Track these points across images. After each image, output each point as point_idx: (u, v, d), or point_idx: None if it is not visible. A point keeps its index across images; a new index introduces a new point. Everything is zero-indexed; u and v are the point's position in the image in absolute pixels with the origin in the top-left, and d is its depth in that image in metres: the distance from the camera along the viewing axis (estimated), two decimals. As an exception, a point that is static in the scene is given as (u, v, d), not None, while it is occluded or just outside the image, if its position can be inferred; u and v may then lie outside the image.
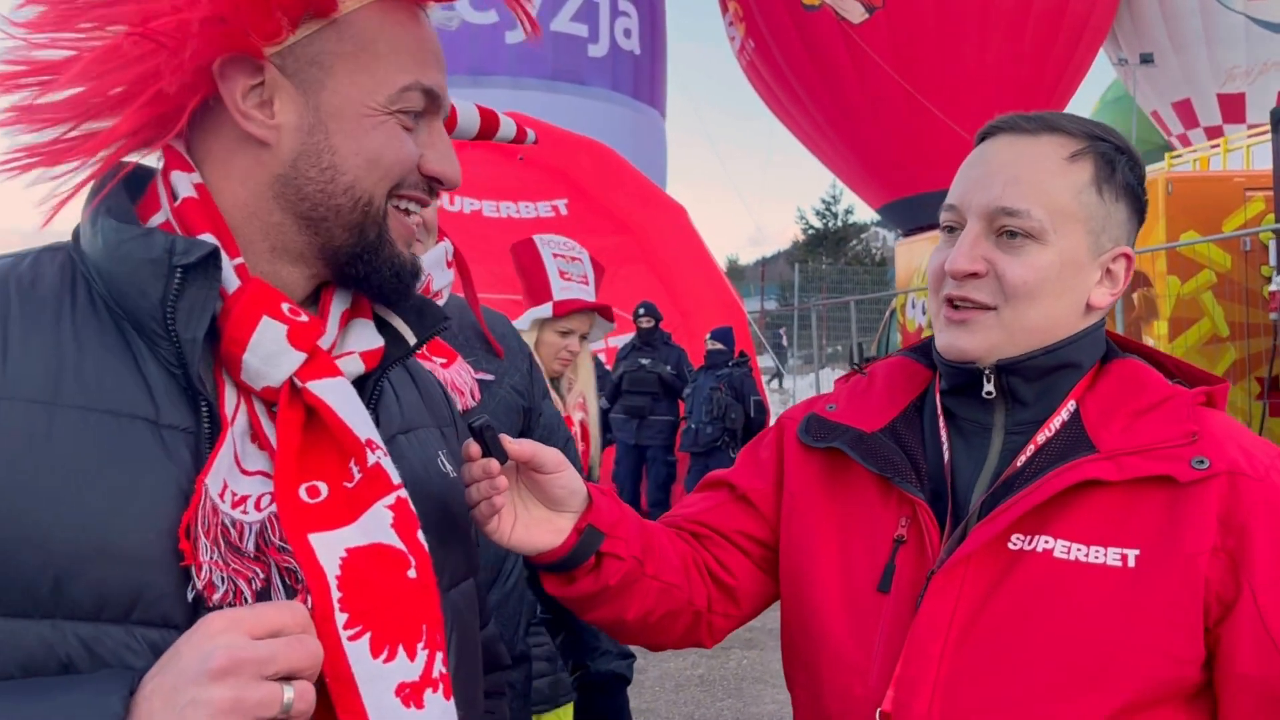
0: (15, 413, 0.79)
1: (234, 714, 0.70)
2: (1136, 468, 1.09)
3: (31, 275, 0.87)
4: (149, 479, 0.82)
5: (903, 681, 1.11)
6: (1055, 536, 1.09)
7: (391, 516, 0.89)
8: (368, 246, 0.94)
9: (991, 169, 1.18)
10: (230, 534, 0.82)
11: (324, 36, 0.90)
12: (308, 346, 0.90)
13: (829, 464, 1.28)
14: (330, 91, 0.91)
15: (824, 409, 1.32)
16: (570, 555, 1.18)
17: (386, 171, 0.93)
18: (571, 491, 1.18)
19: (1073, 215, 1.16)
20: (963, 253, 1.16)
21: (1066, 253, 1.16)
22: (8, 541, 0.76)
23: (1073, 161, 1.16)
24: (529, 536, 1.16)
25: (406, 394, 1.10)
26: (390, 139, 0.93)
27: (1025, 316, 1.15)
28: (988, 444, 1.20)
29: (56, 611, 0.77)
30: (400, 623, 0.86)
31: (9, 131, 0.87)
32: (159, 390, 0.84)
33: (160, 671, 0.73)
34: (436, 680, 0.88)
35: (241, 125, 0.89)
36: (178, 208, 0.90)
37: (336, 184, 0.91)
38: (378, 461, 0.91)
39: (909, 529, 1.18)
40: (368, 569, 0.86)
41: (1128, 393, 1.17)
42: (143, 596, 0.79)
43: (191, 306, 0.85)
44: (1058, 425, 1.17)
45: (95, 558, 0.78)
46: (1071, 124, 1.19)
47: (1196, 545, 1.05)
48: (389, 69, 0.93)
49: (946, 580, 1.12)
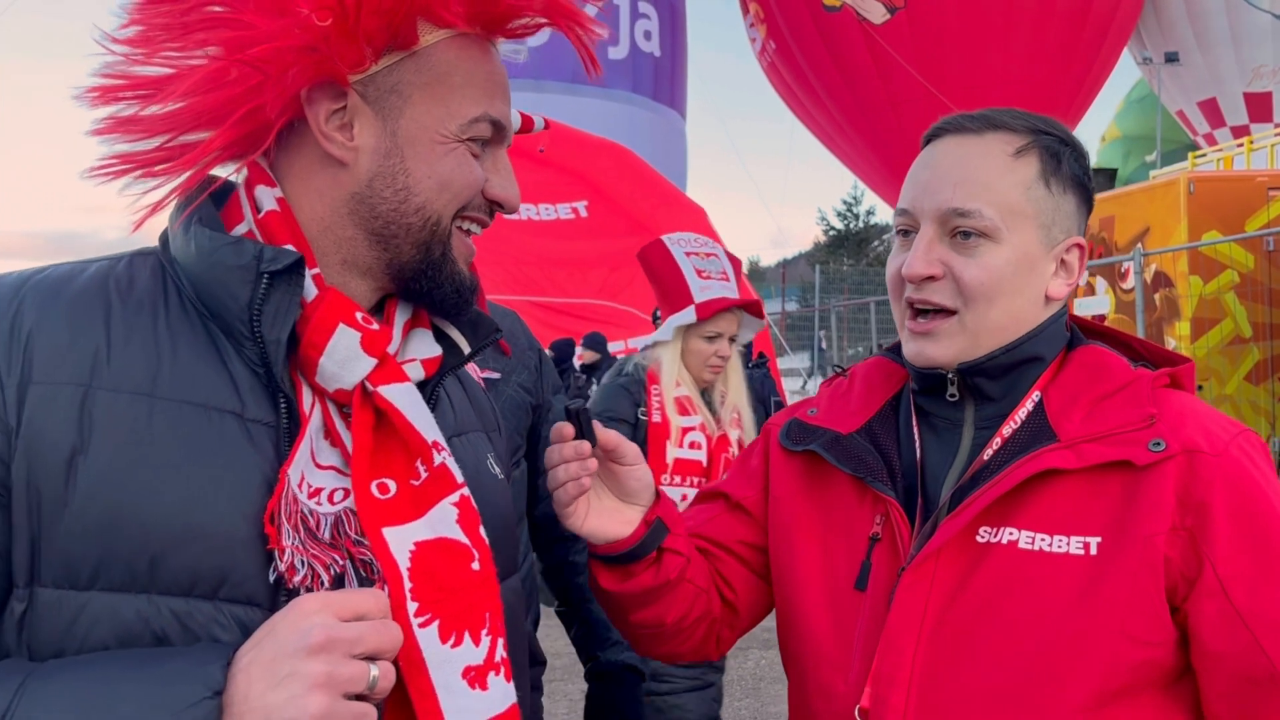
0: (120, 404, 0.86)
1: (327, 687, 0.77)
2: (1095, 454, 1.10)
3: (128, 277, 0.94)
4: (237, 467, 0.89)
5: (879, 678, 1.13)
6: (1019, 528, 1.11)
7: (456, 513, 0.97)
8: (432, 263, 1.01)
9: (940, 171, 1.19)
10: (309, 521, 0.89)
11: (404, 67, 0.97)
12: (378, 353, 0.96)
13: (808, 467, 1.30)
14: (408, 119, 0.97)
15: (805, 413, 1.35)
16: (638, 546, 1.22)
17: (456, 194, 1.00)
18: (645, 485, 1.23)
19: (1023, 211, 1.17)
20: (918, 256, 1.17)
21: (1020, 249, 1.17)
22: (113, 521, 0.83)
23: (1018, 157, 1.18)
24: (600, 524, 1.21)
25: (458, 400, 1.16)
26: (460, 164, 0.99)
27: (987, 317, 1.17)
28: (958, 439, 1.22)
29: (152, 587, 0.84)
30: (466, 611, 0.93)
31: (105, 140, 0.95)
32: (244, 387, 0.92)
33: (256, 645, 0.80)
34: (498, 664, 0.96)
35: (323, 145, 0.96)
36: (261, 219, 0.97)
37: (409, 204, 0.98)
38: (443, 462, 0.98)
39: (883, 527, 1.20)
40: (435, 561, 0.93)
41: (1089, 380, 1.18)
42: (230, 576, 0.86)
43: (276, 310, 0.92)
44: (1022, 417, 1.18)
45: (188, 538, 0.85)
46: (1014, 120, 1.21)
47: (1154, 526, 1.06)
48: (461, 100, 0.99)
49: (917, 576, 1.13)
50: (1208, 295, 7.32)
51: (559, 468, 1.16)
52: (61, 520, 0.83)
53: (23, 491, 0.84)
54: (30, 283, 0.91)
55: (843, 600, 1.21)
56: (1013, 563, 1.10)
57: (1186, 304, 7.40)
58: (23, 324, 0.87)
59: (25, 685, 0.77)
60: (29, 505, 0.84)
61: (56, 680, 0.78)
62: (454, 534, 0.95)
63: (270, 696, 0.77)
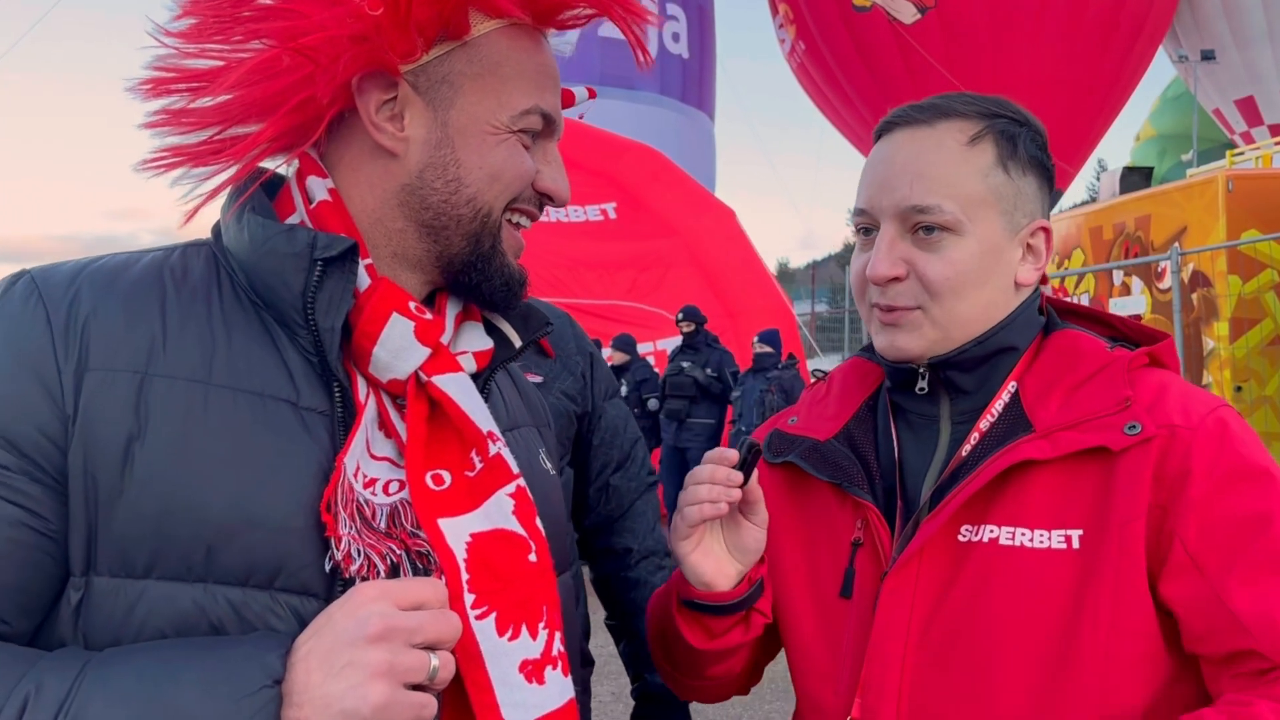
0: (177, 390, 0.86)
1: (388, 676, 0.77)
2: (1070, 442, 1.06)
3: (182, 266, 0.94)
4: (292, 456, 0.88)
5: (867, 687, 1.10)
6: (999, 524, 1.07)
7: (513, 504, 0.96)
8: (482, 255, 1.00)
9: (895, 167, 1.15)
10: (364, 511, 0.88)
11: (455, 57, 0.97)
12: (432, 342, 0.96)
13: (790, 478, 1.27)
14: (459, 110, 0.97)
15: (786, 423, 1.32)
16: (740, 601, 1.18)
17: (506, 186, 0.99)
18: (758, 549, 1.18)
19: (983, 200, 1.14)
20: (881, 258, 1.14)
21: (985, 239, 1.14)
22: (169, 510, 0.83)
23: (973, 145, 1.15)
24: (702, 563, 1.16)
25: (509, 394, 1.16)
26: (511, 155, 0.99)
27: (956, 310, 1.13)
28: (936, 436, 1.19)
29: (208, 576, 0.83)
30: (523, 603, 0.92)
31: (157, 133, 0.95)
32: (298, 375, 0.92)
33: (315, 635, 0.80)
34: (555, 658, 0.94)
35: (374, 136, 0.96)
36: (313, 210, 0.97)
37: (460, 195, 0.97)
38: (499, 452, 0.98)
39: (864, 531, 1.17)
40: (492, 553, 0.92)
41: (1064, 365, 1.14)
42: (286, 565, 0.85)
43: (330, 298, 0.91)
44: (999, 409, 1.14)
45: (244, 526, 0.84)
46: (966, 105, 1.17)
47: (1131, 510, 1.02)
48: (513, 91, 0.98)
49: (899, 580, 1.10)
50: (1247, 295, 7.20)
51: (703, 486, 1.12)
52: (118, 508, 0.83)
53: (79, 479, 0.83)
54: (86, 271, 0.91)
55: (829, 609, 1.18)
56: (994, 561, 1.06)
57: (1225, 304, 7.28)
58: (79, 311, 0.87)
59: (84, 672, 0.77)
60: (85, 493, 0.83)
61: (115, 667, 0.78)
62: (511, 525, 0.94)
63: (330, 686, 0.77)
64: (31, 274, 0.90)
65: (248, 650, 0.79)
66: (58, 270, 0.91)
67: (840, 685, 1.14)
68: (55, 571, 0.84)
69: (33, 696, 0.75)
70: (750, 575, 1.19)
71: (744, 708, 5.16)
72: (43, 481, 0.83)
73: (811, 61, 18.67)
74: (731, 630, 1.21)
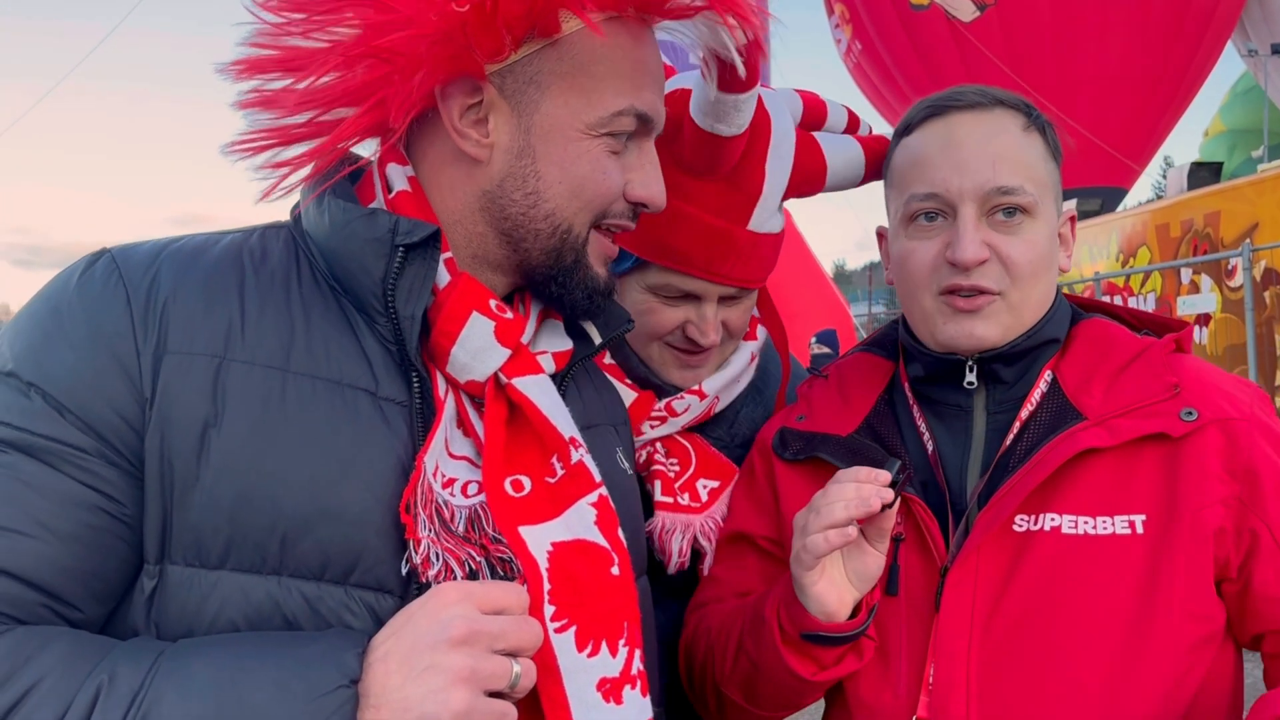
0: (255, 377, 0.84)
1: (469, 682, 0.75)
2: (1129, 429, 1.06)
3: (261, 249, 0.92)
4: (370, 447, 0.86)
5: (936, 686, 1.08)
6: (1060, 512, 1.07)
7: (595, 514, 0.92)
8: (564, 270, 0.97)
9: (968, 149, 1.13)
10: (443, 513, 0.86)
11: (544, 56, 0.92)
12: (513, 343, 0.93)
13: (815, 474, 1.22)
14: (543, 113, 0.92)
15: (794, 420, 1.28)
16: (859, 630, 1.11)
17: (588, 203, 0.95)
18: (877, 574, 1.11)
19: (1047, 185, 1.15)
20: (969, 240, 1.11)
21: (1049, 224, 1.15)
22: (244, 498, 0.81)
23: (1028, 133, 1.15)
24: (829, 594, 1.08)
25: (587, 392, 1.12)
26: (595, 169, 0.94)
27: (1030, 296, 1.13)
28: (970, 427, 1.17)
29: (283, 569, 0.82)
30: (604, 618, 0.88)
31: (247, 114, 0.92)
32: (377, 364, 0.89)
33: (394, 634, 0.78)
34: (635, 677, 0.90)
35: (457, 143, 0.93)
36: (392, 199, 0.95)
37: (538, 209, 0.94)
38: (581, 459, 0.94)
39: (906, 525, 1.13)
40: (574, 564, 0.88)
41: (1100, 353, 1.15)
42: (361, 560, 0.84)
43: (411, 284, 0.89)
44: (1038, 398, 1.13)
45: (320, 518, 0.83)
46: (1005, 96, 1.18)
47: (1202, 499, 1.03)
48: (604, 92, 0.93)
49: (960, 575, 1.08)
50: (1322, 293, 6.98)
51: (838, 504, 1.03)
52: (193, 495, 0.81)
53: (155, 464, 0.82)
54: (166, 251, 0.89)
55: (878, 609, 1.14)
56: (1059, 549, 1.06)
57: (1298, 303, 7.06)
58: (159, 293, 0.85)
59: (158, 664, 0.75)
60: (161, 479, 0.82)
61: (190, 659, 0.76)
62: (593, 536, 0.90)
63: (410, 689, 0.75)
64: (112, 253, 0.88)
65: (324, 648, 0.77)
66: (138, 250, 0.89)
67: (899, 687, 1.11)
68: (130, 557, 0.83)
69: (105, 687, 0.73)
70: (867, 600, 1.12)
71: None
72: (119, 465, 0.81)
73: (868, 60, 18.48)
74: (844, 659, 1.14)
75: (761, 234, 1.32)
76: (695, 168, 1.26)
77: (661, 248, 1.29)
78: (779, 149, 1.30)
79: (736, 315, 1.38)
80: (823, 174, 1.35)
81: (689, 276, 1.30)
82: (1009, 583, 1.07)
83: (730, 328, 1.39)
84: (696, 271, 1.30)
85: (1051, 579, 1.06)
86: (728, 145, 1.22)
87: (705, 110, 1.19)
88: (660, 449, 1.41)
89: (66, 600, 0.80)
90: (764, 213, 1.31)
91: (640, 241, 1.29)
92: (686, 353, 1.37)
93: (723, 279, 1.31)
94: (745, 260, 1.31)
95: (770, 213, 1.32)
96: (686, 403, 1.39)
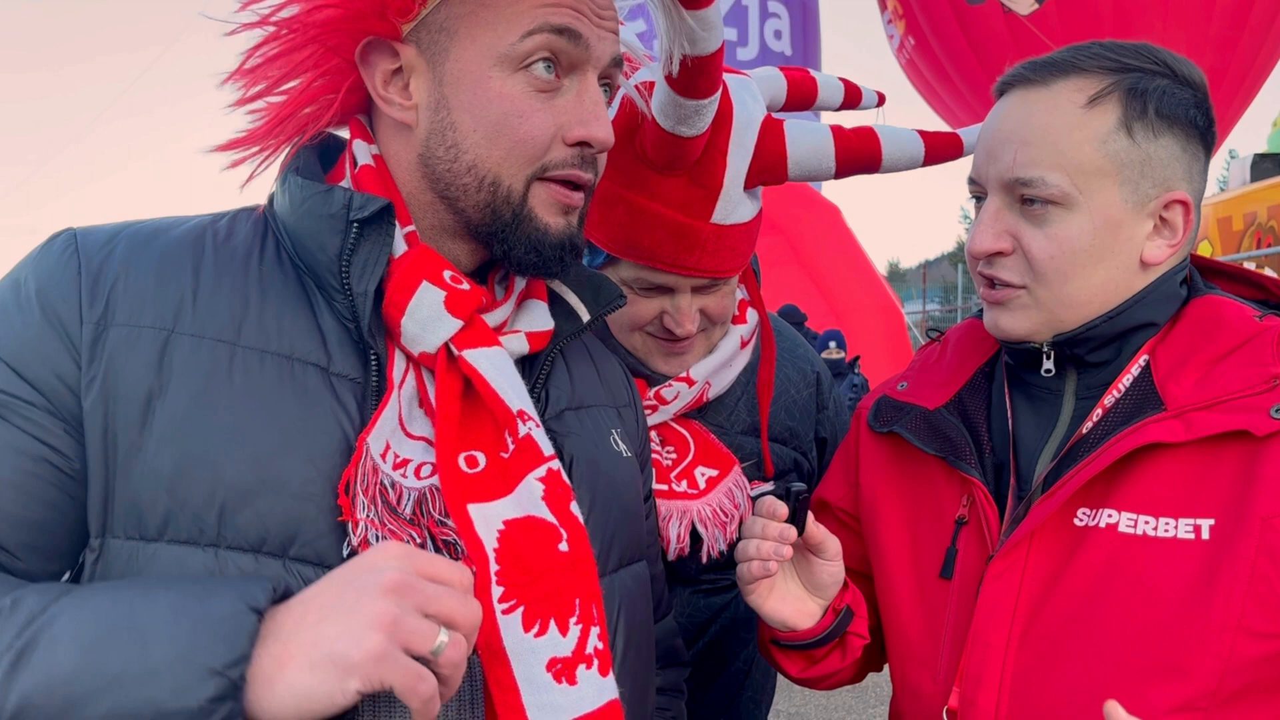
0: (203, 350, 0.84)
1: (390, 630, 0.70)
2: (1207, 424, 0.96)
3: (228, 230, 0.93)
4: (316, 421, 0.84)
5: (966, 676, 1.03)
6: (1120, 509, 0.98)
7: (543, 489, 0.89)
8: (503, 225, 0.92)
9: (1001, 134, 1.06)
10: (389, 494, 0.84)
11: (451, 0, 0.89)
12: (464, 314, 0.90)
13: (897, 448, 1.20)
14: (454, 60, 0.89)
15: (895, 389, 1.24)
16: (825, 635, 1.16)
17: (511, 150, 0.90)
18: (836, 581, 1.16)
19: (1099, 169, 1.02)
20: (983, 229, 1.06)
21: (1100, 213, 1.02)
22: (185, 469, 0.80)
23: (1092, 107, 1.02)
24: (780, 609, 1.14)
25: (582, 371, 1.09)
26: (511, 110, 0.88)
27: (1062, 292, 1.04)
28: (1057, 411, 1.09)
29: (221, 541, 0.80)
30: (553, 597, 0.85)
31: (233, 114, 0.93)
32: (332, 341, 0.88)
33: (325, 581, 0.74)
34: (590, 656, 0.87)
35: (386, 111, 0.92)
36: (356, 174, 0.94)
37: (460, 163, 0.91)
38: (529, 433, 0.90)
39: (970, 509, 1.09)
40: (522, 542, 0.85)
41: (1203, 336, 1.03)
42: (301, 533, 0.81)
43: (366, 260, 0.87)
44: (1127, 384, 1.04)
45: (260, 489, 0.81)
46: (1092, 60, 1.04)
47: (1274, 505, 0.92)
48: (510, 17, 0.87)
49: (1007, 563, 1.02)
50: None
51: (751, 543, 1.09)
52: (135, 466, 0.80)
53: (99, 437, 0.81)
54: (127, 230, 0.90)
55: (929, 591, 1.12)
56: (1113, 549, 0.98)
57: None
58: (111, 268, 0.85)
59: (66, 593, 0.73)
60: (105, 451, 0.81)
61: (97, 590, 0.73)
62: (541, 512, 0.87)
63: (324, 628, 0.69)
64: (75, 231, 0.89)
65: (234, 583, 0.73)
66: (100, 229, 0.90)
67: (939, 673, 1.08)
68: (73, 514, 0.82)
69: (5, 611, 0.71)
70: (834, 605, 1.15)
71: (846, 711, 5.09)
72: (64, 421, 0.81)
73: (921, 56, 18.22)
74: (828, 657, 1.18)
75: (727, 226, 1.32)
76: (656, 164, 1.26)
77: (629, 244, 1.31)
78: (741, 140, 1.28)
79: (714, 303, 1.40)
80: (783, 164, 1.32)
81: (658, 270, 1.33)
82: (1058, 579, 1.01)
83: (710, 315, 1.41)
84: (664, 266, 1.32)
85: (1100, 579, 0.98)
86: (688, 145, 1.22)
87: (667, 112, 1.19)
88: (656, 438, 1.42)
89: (2, 545, 0.79)
90: (727, 205, 1.30)
91: (609, 238, 1.33)
92: (668, 341, 1.40)
93: (691, 271, 1.33)
94: (712, 253, 1.32)
95: (735, 204, 1.31)
96: (675, 390, 1.42)
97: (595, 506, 0.97)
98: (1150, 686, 0.95)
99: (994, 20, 16.82)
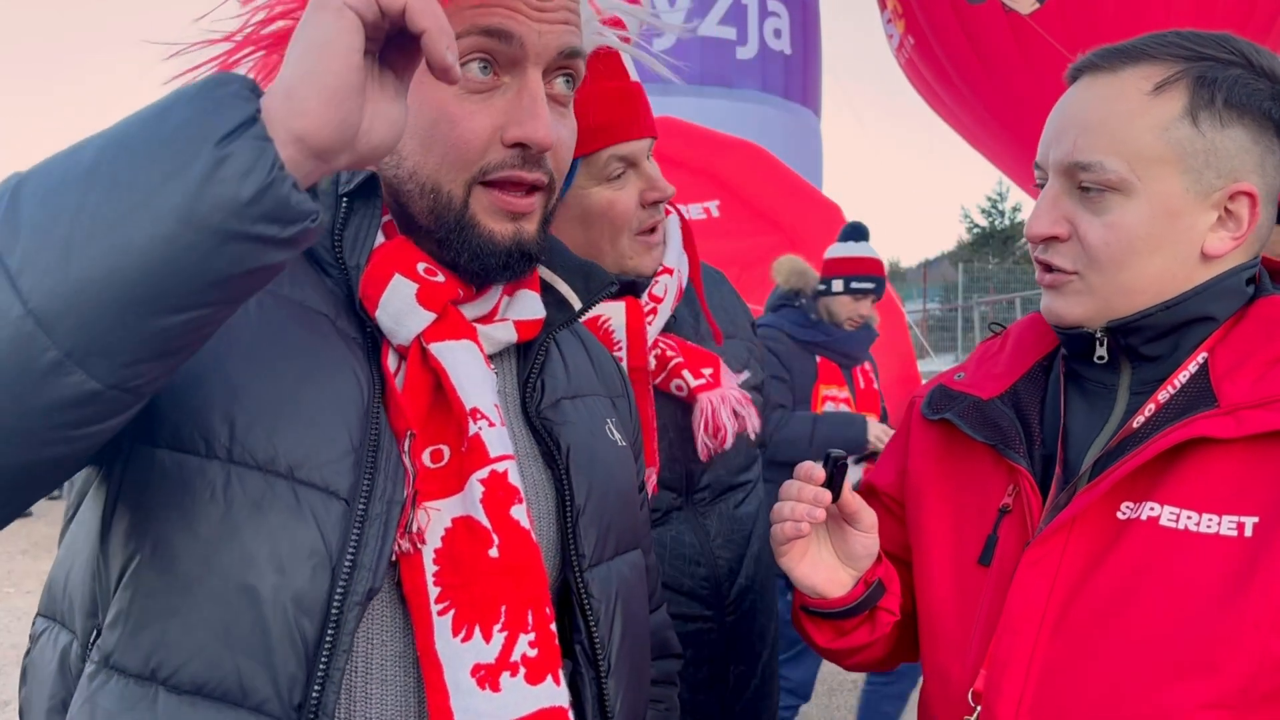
0: None
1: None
2: (1258, 422, 0.94)
3: None
4: (327, 354, 0.85)
5: (994, 660, 1.02)
6: (1163, 503, 0.97)
7: (482, 490, 0.87)
8: (447, 231, 0.91)
9: (1066, 119, 1.07)
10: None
11: None
12: (437, 306, 0.89)
13: (947, 436, 1.21)
14: None
15: (952, 379, 1.24)
16: (855, 605, 1.17)
17: (445, 156, 0.88)
18: (870, 554, 1.17)
19: (1160, 157, 1.01)
20: (1040, 214, 1.06)
21: (1159, 201, 1.01)
22: (202, 380, 0.79)
23: (1158, 94, 1.01)
24: (811, 574, 1.17)
25: (577, 361, 1.10)
26: (440, 116, 0.87)
27: (1117, 280, 1.03)
28: (1111, 407, 1.08)
29: (230, 456, 0.79)
30: (479, 602, 0.84)
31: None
32: (334, 305, 0.89)
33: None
34: (516, 664, 0.85)
35: None
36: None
37: (402, 170, 0.90)
38: (477, 433, 0.88)
39: (1014, 498, 1.09)
40: (460, 543, 0.85)
41: (1264, 335, 1.01)
42: (310, 457, 0.81)
43: (355, 234, 0.89)
44: (1183, 380, 1.03)
45: (275, 411, 0.80)
46: (1163, 48, 1.03)
47: None
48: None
49: (1044, 551, 1.02)
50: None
51: (786, 504, 1.12)
52: None
53: None
54: None
55: (967, 577, 1.12)
56: (1152, 542, 0.97)
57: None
58: None
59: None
60: None
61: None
62: (477, 514, 0.86)
63: (298, 46, 0.67)
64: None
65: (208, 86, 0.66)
66: None
67: (968, 658, 1.07)
68: None
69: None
70: (866, 577, 1.16)
71: (849, 711, 5.04)
72: None
73: (921, 57, 18.19)
74: (858, 629, 1.19)
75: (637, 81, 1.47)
76: None
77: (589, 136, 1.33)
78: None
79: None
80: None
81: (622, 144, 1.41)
82: (1095, 570, 1.00)
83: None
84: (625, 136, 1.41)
85: (1137, 572, 0.97)
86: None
87: None
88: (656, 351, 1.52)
89: None
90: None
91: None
92: (648, 232, 1.48)
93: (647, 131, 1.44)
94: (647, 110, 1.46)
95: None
96: (662, 284, 1.53)
97: (592, 494, 0.98)
98: (1180, 681, 0.93)
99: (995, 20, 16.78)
